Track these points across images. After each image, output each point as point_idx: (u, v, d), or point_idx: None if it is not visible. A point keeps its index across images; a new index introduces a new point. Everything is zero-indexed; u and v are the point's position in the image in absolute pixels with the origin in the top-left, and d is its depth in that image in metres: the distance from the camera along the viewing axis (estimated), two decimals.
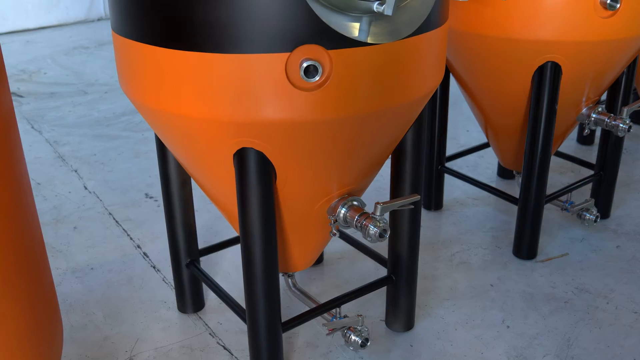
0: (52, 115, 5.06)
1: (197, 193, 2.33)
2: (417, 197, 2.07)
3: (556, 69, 2.59)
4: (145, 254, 3.09)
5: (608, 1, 2.44)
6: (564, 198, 3.18)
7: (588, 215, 3.11)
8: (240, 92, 1.67)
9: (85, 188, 3.79)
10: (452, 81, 3.26)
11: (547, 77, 2.60)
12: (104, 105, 5.24)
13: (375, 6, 1.64)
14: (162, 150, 2.29)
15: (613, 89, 3.04)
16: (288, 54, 1.61)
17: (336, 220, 2.07)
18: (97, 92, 5.60)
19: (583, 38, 2.51)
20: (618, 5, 2.44)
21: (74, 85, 5.81)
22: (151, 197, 3.66)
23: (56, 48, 7.10)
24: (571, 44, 2.52)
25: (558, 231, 3.22)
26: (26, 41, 7.41)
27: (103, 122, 4.89)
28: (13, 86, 5.67)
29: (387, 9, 1.61)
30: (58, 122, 4.91)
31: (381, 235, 1.97)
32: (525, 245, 2.97)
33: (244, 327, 2.52)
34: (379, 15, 1.66)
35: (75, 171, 4.03)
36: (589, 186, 3.52)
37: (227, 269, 2.93)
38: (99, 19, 8.36)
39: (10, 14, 7.47)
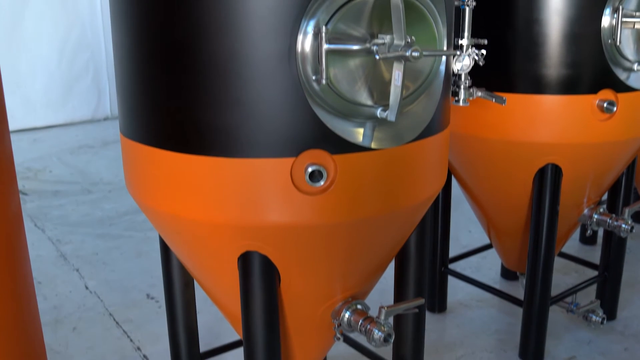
0: (56, 214, 5.08)
1: (198, 293, 2.31)
2: (421, 301, 2.05)
3: (557, 170, 2.62)
4: (145, 356, 3.03)
5: (605, 104, 2.49)
6: (569, 299, 3.15)
7: (594, 317, 3.07)
8: (245, 196, 1.68)
9: (86, 288, 3.77)
10: (454, 182, 3.29)
11: (548, 179, 2.63)
12: (108, 204, 5.27)
13: (378, 112, 1.68)
14: (165, 251, 2.29)
15: (614, 189, 3.07)
16: (293, 158, 1.63)
17: (340, 324, 2.04)
18: (101, 191, 5.64)
19: (582, 140, 2.55)
20: (615, 109, 2.49)
21: (78, 183, 5.86)
22: (152, 298, 3.62)
23: (62, 147, 7.21)
24: (570, 146, 2.56)
25: (564, 333, 3.17)
26: (33, 139, 7.53)
27: (106, 221, 4.90)
28: (19, 184, 5.72)
29: (391, 115, 1.65)
30: (61, 221, 4.93)
31: (386, 340, 1.94)
32: (532, 348, 2.92)
33: None
34: (383, 121, 1.70)
35: (77, 270, 4.01)
36: (594, 287, 3.49)
37: None
38: (105, 119, 8.52)
39: (19, 113, 7.62)
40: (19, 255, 1.47)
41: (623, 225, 2.91)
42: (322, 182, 1.66)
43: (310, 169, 1.64)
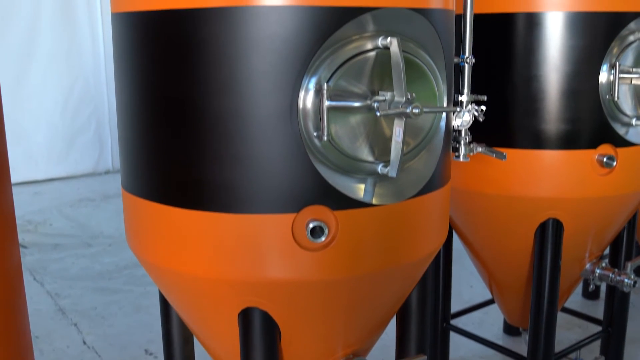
0: (55, 267, 5.05)
1: (198, 349, 2.28)
2: (423, 358, 2.03)
3: (558, 225, 2.62)
4: None
5: (605, 159, 2.51)
6: (572, 355, 3.10)
7: None
8: (246, 252, 1.68)
9: (84, 343, 3.72)
10: (455, 237, 3.28)
11: (549, 233, 2.62)
12: (107, 258, 5.25)
13: (379, 168, 1.69)
14: (165, 306, 2.27)
15: (615, 243, 3.06)
16: (295, 214, 1.63)
17: None
18: (101, 244, 5.62)
19: (582, 195, 2.56)
20: (614, 163, 2.50)
21: (78, 237, 5.85)
22: (151, 354, 3.58)
23: (63, 200, 7.21)
24: (571, 200, 2.57)
25: None
26: (34, 192, 7.54)
27: (105, 275, 4.88)
28: (19, 237, 5.70)
29: (392, 171, 1.65)
30: (60, 274, 4.90)
31: None
32: None
33: None
34: (384, 177, 1.71)
35: (75, 325, 3.97)
36: (598, 342, 3.45)
37: None
38: (107, 172, 8.54)
39: (21, 166, 7.64)
40: (17, 309, 1.46)
41: (626, 280, 2.89)
42: (323, 238, 1.65)
43: (311, 225, 1.64)
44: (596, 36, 2.45)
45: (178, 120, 1.69)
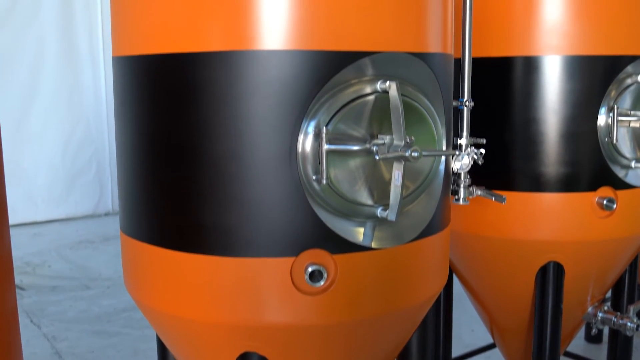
0: (53, 310, 5.01)
1: None
2: None
3: (559, 268, 2.60)
4: None
5: (605, 202, 2.50)
6: None
7: None
8: (244, 296, 1.67)
9: None
10: (455, 280, 3.26)
11: (550, 277, 2.61)
12: (106, 301, 5.21)
13: (379, 212, 1.69)
14: (162, 349, 2.24)
15: (617, 286, 3.04)
16: (293, 258, 1.62)
17: None
18: (100, 287, 5.59)
19: (583, 238, 2.55)
20: (614, 206, 2.50)
21: (76, 279, 5.81)
22: None
23: (62, 241, 7.19)
24: (571, 244, 2.56)
25: None
26: (33, 234, 7.52)
27: (103, 318, 4.83)
28: (16, 279, 5.66)
29: (391, 214, 1.65)
30: (58, 317, 4.85)
31: None
32: None
33: None
34: (383, 220, 1.70)
35: None
36: None
37: None
38: (106, 214, 8.53)
39: (20, 207, 7.63)
40: (12, 353, 1.45)
41: (628, 324, 2.86)
42: (322, 282, 1.64)
43: (310, 269, 1.63)
44: (594, 79, 2.47)
45: (177, 163, 1.70)
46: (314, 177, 1.60)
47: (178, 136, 1.69)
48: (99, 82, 7.83)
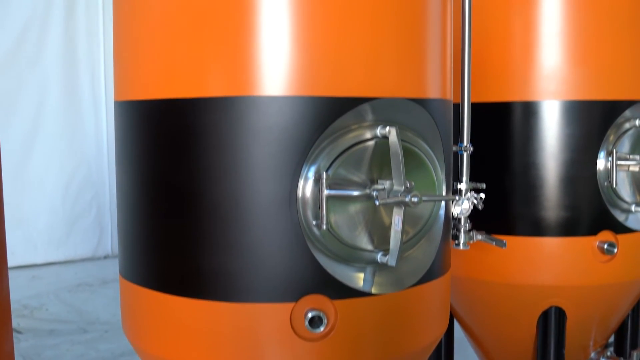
0: (50, 354, 4.95)
1: None
2: None
3: (560, 313, 2.58)
4: None
5: (605, 246, 2.49)
6: None
7: None
8: (243, 341, 1.65)
9: None
10: (456, 325, 3.24)
11: (552, 322, 2.58)
12: (103, 345, 5.15)
13: (379, 257, 1.68)
14: None
15: (620, 331, 3.01)
16: (293, 304, 1.61)
17: None
18: (98, 330, 5.53)
19: (584, 283, 2.53)
20: (615, 250, 2.49)
21: (74, 323, 5.76)
22: None
23: (61, 284, 7.14)
24: (573, 288, 2.54)
25: None
26: (32, 276, 7.48)
27: None
28: (13, 322, 5.61)
29: (391, 260, 1.64)
30: None
31: None
32: None
33: None
34: (383, 266, 1.70)
35: None
36: None
37: None
38: (105, 257, 8.50)
39: (19, 249, 7.60)
40: None
41: None
42: (322, 328, 1.63)
43: (310, 315, 1.62)
44: (592, 124, 2.48)
45: (177, 207, 1.70)
46: (314, 223, 1.60)
47: (178, 181, 1.69)
48: (100, 126, 7.88)
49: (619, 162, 2.47)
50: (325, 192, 1.57)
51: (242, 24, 1.59)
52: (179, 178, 1.69)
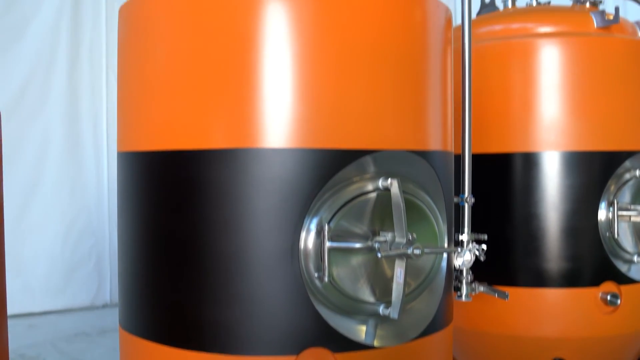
0: None
1: None
2: None
3: None
4: None
5: (608, 297, 2.48)
6: None
7: None
8: None
9: None
10: None
11: None
12: None
13: (381, 309, 1.67)
14: None
15: None
16: (294, 357, 1.60)
17: None
18: None
19: (587, 334, 2.51)
20: (618, 301, 2.48)
21: None
22: None
23: (58, 334, 7.05)
24: (576, 340, 2.52)
25: None
26: (29, 325, 7.39)
27: None
28: None
29: (393, 312, 1.63)
30: None
31: None
32: None
33: None
34: (385, 318, 1.68)
35: None
36: None
37: None
38: (104, 306, 8.42)
39: (17, 297, 7.52)
40: None
41: None
42: None
43: None
44: (593, 175, 2.49)
45: (179, 258, 1.69)
46: (316, 275, 1.60)
47: (180, 232, 1.69)
48: (101, 175, 7.88)
49: (620, 213, 2.47)
50: (327, 244, 1.57)
51: (244, 78, 1.61)
52: (180, 229, 1.69)
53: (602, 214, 2.50)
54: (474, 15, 2.66)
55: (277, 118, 1.59)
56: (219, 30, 1.64)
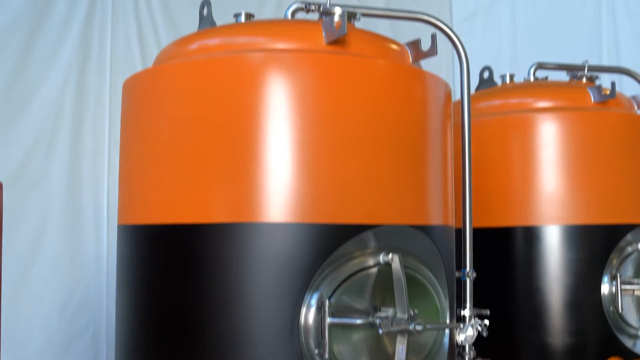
0: None
1: None
2: None
3: None
4: None
5: None
6: None
7: None
8: None
9: None
10: None
11: None
12: None
13: None
14: None
15: None
16: None
17: None
18: None
19: None
20: None
21: None
22: None
23: None
24: None
25: None
26: None
27: None
28: None
29: None
30: None
31: None
32: None
33: None
34: None
35: None
36: None
37: None
38: None
39: None
40: None
41: None
42: None
43: None
44: (595, 248, 2.48)
45: (178, 333, 1.67)
46: (317, 351, 1.57)
47: (179, 306, 1.68)
48: (100, 248, 7.83)
49: (623, 287, 2.45)
50: (328, 320, 1.56)
51: (245, 153, 1.63)
52: (180, 303, 1.68)
53: (606, 288, 2.48)
54: (473, 91, 2.70)
55: (278, 193, 1.60)
56: (221, 106, 1.66)
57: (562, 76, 2.91)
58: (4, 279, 1.96)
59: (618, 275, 2.44)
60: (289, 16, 1.94)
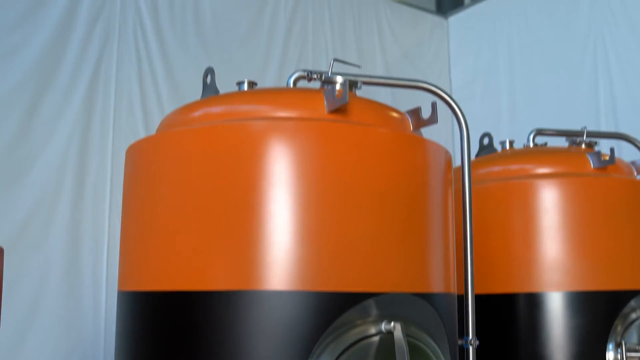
0: None
1: None
2: None
3: None
4: None
5: None
6: None
7: None
8: None
9: None
10: None
11: None
12: None
13: None
14: None
15: None
16: None
17: None
18: None
19: None
20: None
21: None
22: None
23: None
24: None
25: None
26: None
27: None
28: None
29: None
30: None
31: None
32: None
33: None
34: None
35: None
36: None
37: None
38: None
39: None
40: None
41: None
42: None
43: None
44: (598, 315, 2.45)
45: None
46: None
47: None
48: (99, 313, 7.76)
49: (629, 354, 2.41)
50: None
51: (246, 220, 1.63)
52: None
53: (611, 355, 2.44)
54: (473, 157, 2.72)
55: (279, 260, 1.60)
56: (223, 173, 1.67)
57: (562, 142, 2.93)
58: (1, 343, 1.93)
59: (623, 343, 2.41)
60: (291, 84, 1.97)
